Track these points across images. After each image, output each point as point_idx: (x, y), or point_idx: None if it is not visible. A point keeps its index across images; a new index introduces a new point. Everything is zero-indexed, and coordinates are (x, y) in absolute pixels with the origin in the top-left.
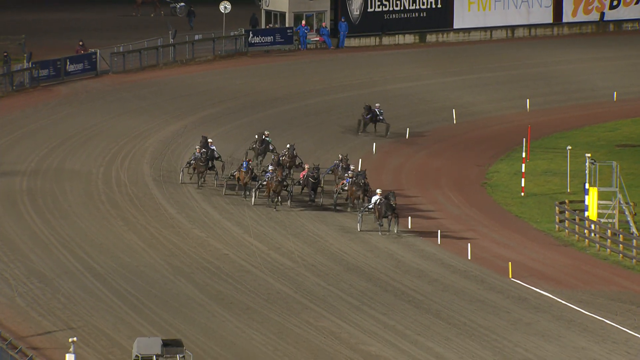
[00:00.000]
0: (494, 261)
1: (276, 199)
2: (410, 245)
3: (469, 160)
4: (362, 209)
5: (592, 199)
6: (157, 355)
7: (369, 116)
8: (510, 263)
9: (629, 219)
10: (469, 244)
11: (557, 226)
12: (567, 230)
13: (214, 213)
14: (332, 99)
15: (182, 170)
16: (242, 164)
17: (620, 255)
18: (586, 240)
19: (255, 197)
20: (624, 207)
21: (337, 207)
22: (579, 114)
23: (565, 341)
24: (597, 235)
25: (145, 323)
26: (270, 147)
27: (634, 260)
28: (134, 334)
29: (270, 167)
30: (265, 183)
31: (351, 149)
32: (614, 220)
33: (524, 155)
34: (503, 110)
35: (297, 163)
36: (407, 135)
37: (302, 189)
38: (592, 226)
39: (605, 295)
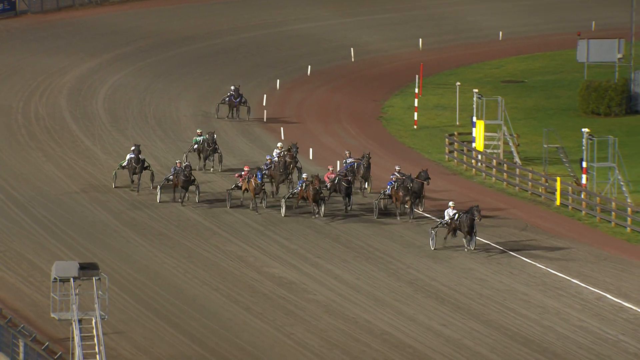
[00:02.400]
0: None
1: (317, 209)
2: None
3: (365, 96)
4: (437, 224)
5: (479, 131)
6: (74, 278)
7: (229, 99)
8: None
9: (512, 149)
10: (378, 179)
11: (446, 156)
12: (456, 160)
13: (127, 143)
14: (237, 39)
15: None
16: (256, 174)
17: (505, 183)
18: (473, 169)
19: (285, 207)
20: (508, 139)
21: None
22: (468, 52)
23: (454, 263)
24: (484, 165)
25: (63, 248)
26: (218, 149)
27: (517, 188)
28: (53, 258)
29: (304, 175)
30: (297, 192)
31: (256, 85)
32: (499, 151)
33: (416, 91)
34: (397, 49)
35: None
36: (309, 72)
37: (330, 194)
38: (479, 156)
39: (490, 222)
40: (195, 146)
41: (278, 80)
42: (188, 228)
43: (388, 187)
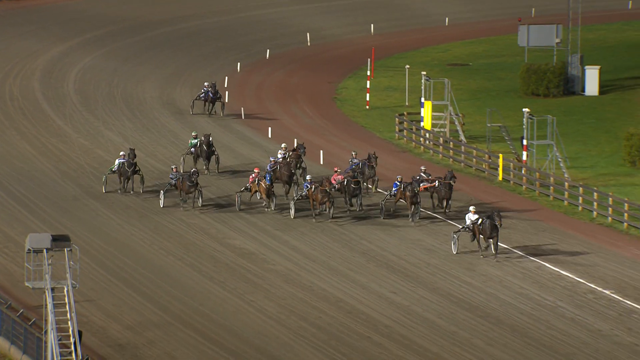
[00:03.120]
0: (343, 165)
1: (318, 210)
2: (273, 153)
3: (321, 78)
4: (459, 229)
5: (427, 111)
6: (47, 249)
7: (205, 95)
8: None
9: (458, 128)
10: (321, 151)
11: (397, 135)
12: (405, 139)
13: (97, 123)
14: (200, 24)
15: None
16: (264, 176)
17: (451, 159)
18: (422, 147)
19: (294, 209)
20: (454, 118)
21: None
22: (416, 37)
23: (403, 234)
24: (431, 143)
25: (37, 221)
26: (215, 151)
27: (462, 164)
28: (27, 230)
29: (308, 177)
30: (306, 194)
31: (217, 68)
32: (446, 130)
33: (368, 73)
34: (351, 34)
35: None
36: (267, 56)
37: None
38: (427, 135)
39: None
40: (192, 149)
41: (239, 64)
42: (154, 202)
43: (394, 188)
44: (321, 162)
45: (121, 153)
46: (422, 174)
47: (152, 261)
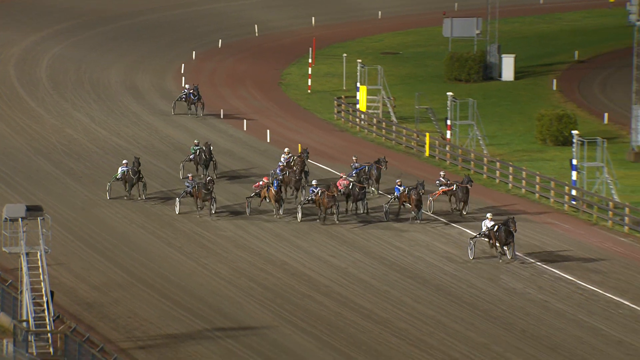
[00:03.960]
0: (287, 143)
1: (324, 215)
2: (222, 132)
3: (268, 65)
4: (476, 235)
5: (362, 95)
6: (22, 218)
7: (187, 97)
8: (299, 144)
9: (390, 109)
10: (268, 130)
11: (335, 116)
12: (343, 119)
13: (66, 105)
14: (160, 16)
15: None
16: (273, 182)
17: (383, 138)
18: (357, 127)
19: (301, 213)
20: (386, 101)
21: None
22: (352, 29)
23: (342, 205)
24: (366, 123)
25: (13, 193)
26: (213, 158)
27: (393, 142)
28: (3, 201)
29: (314, 182)
30: (313, 198)
31: (175, 56)
32: (379, 111)
33: (310, 61)
34: (294, 26)
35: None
36: (219, 45)
37: (347, 199)
38: (362, 116)
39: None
40: (192, 156)
41: (194, 52)
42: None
43: (396, 192)
44: (268, 140)
45: (124, 161)
46: (441, 178)
47: (116, 228)
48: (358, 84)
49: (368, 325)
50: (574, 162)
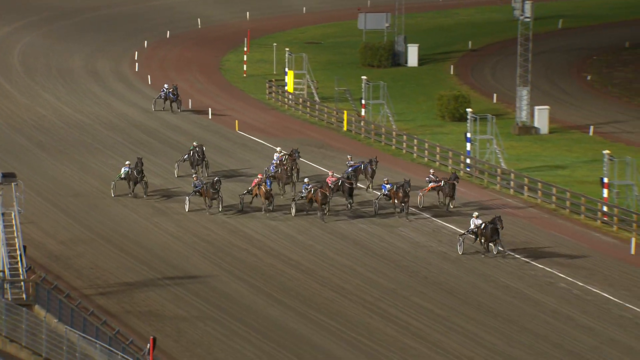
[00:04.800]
0: (227, 120)
1: (322, 211)
2: (167, 108)
3: (210, 53)
4: (464, 232)
5: (289, 78)
6: None
7: (166, 95)
8: (237, 121)
9: (313, 91)
10: (209, 109)
11: (267, 96)
12: (273, 99)
13: (37, 87)
14: (117, 11)
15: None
16: (266, 181)
17: (308, 115)
18: (286, 105)
19: (295, 208)
20: (310, 84)
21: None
22: (281, 22)
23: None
24: (293, 102)
25: None
26: (205, 158)
27: (316, 118)
28: None
29: (306, 180)
30: (306, 195)
31: (129, 45)
32: (304, 92)
33: (245, 49)
34: (232, 19)
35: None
36: (168, 36)
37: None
38: (290, 96)
39: (299, 141)
40: (186, 157)
41: (146, 41)
42: (79, 146)
43: (383, 189)
44: (209, 117)
45: (127, 162)
46: (431, 175)
47: (81, 193)
48: (286, 69)
49: (296, 275)
50: (468, 135)
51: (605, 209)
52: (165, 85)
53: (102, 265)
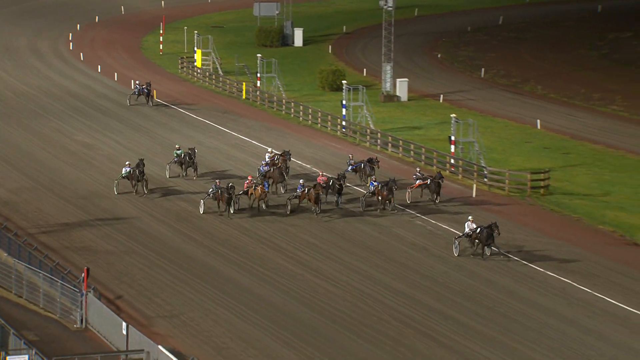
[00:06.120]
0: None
1: (315, 208)
2: (98, 81)
3: (132, 34)
4: (459, 236)
5: (198, 56)
6: None
7: (140, 91)
8: (154, 91)
9: (218, 66)
10: (132, 80)
11: (179, 70)
12: (185, 73)
13: (11, 70)
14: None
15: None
16: (263, 183)
17: (213, 85)
18: (195, 78)
19: (290, 206)
20: (215, 60)
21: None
22: (191, 9)
23: (187, 133)
24: (201, 75)
25: None
26: (195, 161)
27: (220, 88)
28: None
29: (301, 181)
30: (299, 194)
31: (65, 28)
32: (210, 67)
33: (161, 32)
34: (149, 7)
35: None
36: (97, 20)
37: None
38: (199, 70)
39: (204, 107)
40: (176, 159)
41: (78, 25)
42: (42, 118)
43: (371, 187)
44: (132, 87)
45: (127, 162)
46: (417, 173)
47: (26, 151)
48: (195, 48)
49: (207, 217)
50: (344, 102)
51: (452, 161)
52: (137, 82)
53: (44, 209)
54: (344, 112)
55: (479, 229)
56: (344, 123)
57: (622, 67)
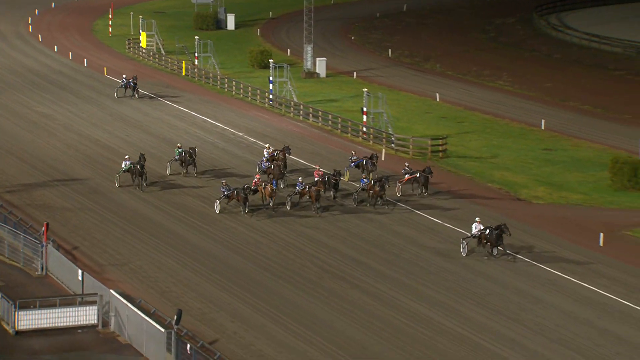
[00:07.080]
0: (96, 66)
1: (317, 206)
2: (56, 60)
3: (85, 19)
4: (468, 236)
5: (143, 38)
6: None
7: (127, 84)
8: (105, 68)
9: (160, 47)
10: (84, 59)
11: (127, 50)
12: (132, 52)
13: None
14: None
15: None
16: (272, 181)
17: (157, 64)
18: (141, 57)
19: (290, 203)
20: (158, 41)
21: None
22: None
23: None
24: (146, 55)
25: None
26: (195, 160)
27: (163, 65)
28: None
29: (299, 179)
30: (300, 191)
31: (25, 13)
32: (153, 47)
33: (110, 16)
34: None
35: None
36: (53, 6)
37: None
38: (144, 51)
39: (149, 82)
40: (177, 157)
41: (36, 10)
42: (8, 89)
43: (361, 183)
44: (85, 65)
45: (126, 157)
46: (406, 167)
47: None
48: (140, 31)
49: (160, 181)
50: (271, 78)
51: (364, 129)
52: (124, 76)
53: (7, 172)
54: (270, 87)
55: (487, 230)
56: (271, 96)
57: (507, 48)
